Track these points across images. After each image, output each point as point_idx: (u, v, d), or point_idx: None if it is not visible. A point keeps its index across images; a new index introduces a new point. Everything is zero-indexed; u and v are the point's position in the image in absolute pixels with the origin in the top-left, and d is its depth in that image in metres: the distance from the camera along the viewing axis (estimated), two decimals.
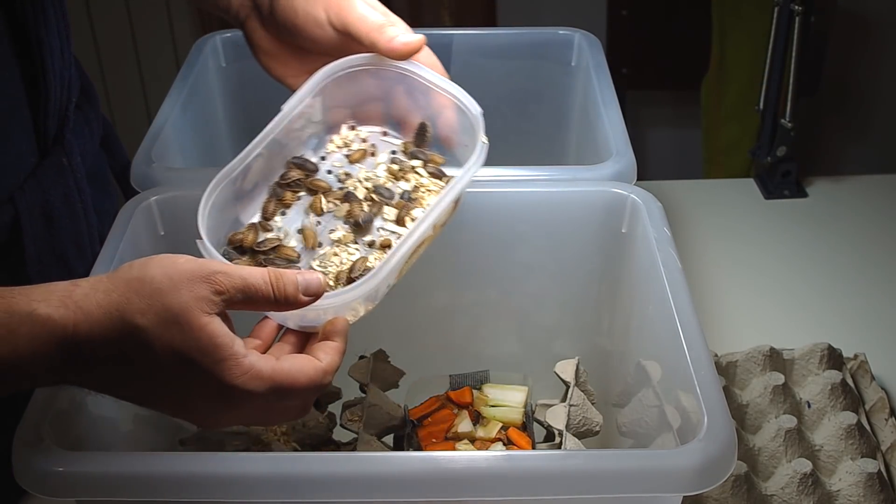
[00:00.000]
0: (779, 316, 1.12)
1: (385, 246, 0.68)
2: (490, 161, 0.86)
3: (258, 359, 0.58)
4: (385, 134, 0.75)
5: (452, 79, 0.73)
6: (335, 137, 0.75)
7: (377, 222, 0.70)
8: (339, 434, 0.83)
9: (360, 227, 0.69)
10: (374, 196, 0.71)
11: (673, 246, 0.76)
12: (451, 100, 0.71)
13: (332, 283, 0.67)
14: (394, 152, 0.74)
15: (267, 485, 0.58)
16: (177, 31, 2.10)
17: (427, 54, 0.74)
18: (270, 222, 0.70)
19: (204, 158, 1.03)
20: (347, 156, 0.74)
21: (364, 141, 0.75)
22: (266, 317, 0.65)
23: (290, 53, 0.77)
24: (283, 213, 0.71)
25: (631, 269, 0.82)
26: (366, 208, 0.70)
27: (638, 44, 2.06)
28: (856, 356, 1.00)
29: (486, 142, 0.69)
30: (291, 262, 0.68)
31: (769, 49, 1.29)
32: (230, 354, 0.56)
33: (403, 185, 0.72)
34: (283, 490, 0.58)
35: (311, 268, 0.68)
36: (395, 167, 0.72)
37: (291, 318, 0.64)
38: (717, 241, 1.24)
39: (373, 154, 0.74)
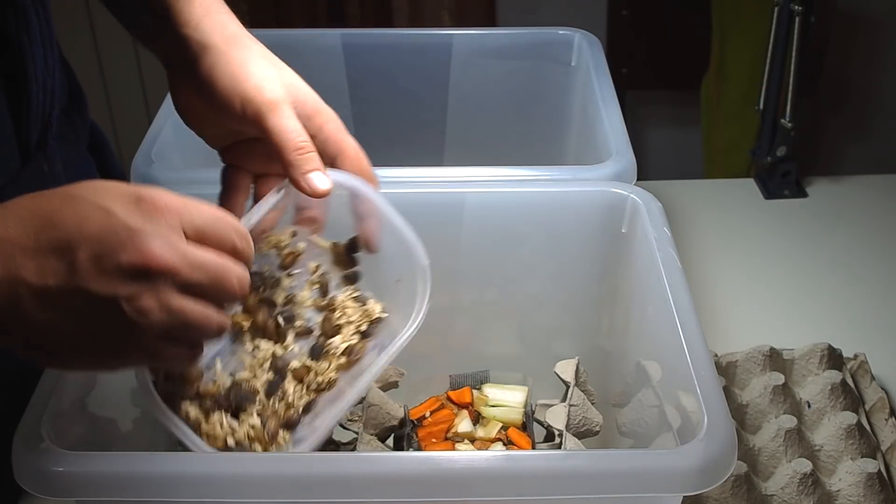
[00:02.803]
0: (779, 316, 1.12)
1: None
2: (490, 161, 0.87)
3: None
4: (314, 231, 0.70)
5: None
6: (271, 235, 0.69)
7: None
8: (339, 434, 0.83)
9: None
10: (280, 322, 0.68)
11: (673, 246, 0.76)
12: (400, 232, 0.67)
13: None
14: (320, 268, 0.70)
15: (267, 485, 0.58)
16: None
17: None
18: None
19: (204, 158, 1.03)
20: (280, 258, 0.70)
21: (294, 235, 0.70)
22: None
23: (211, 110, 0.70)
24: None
25: (631, 269, 0.83)
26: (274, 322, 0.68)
27: (638, 44, 2.06)
28: (856, 356, 1.00)
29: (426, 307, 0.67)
30: None
31: (769, 49, 1.29)
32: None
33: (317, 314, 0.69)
34: (283, 490, 0.58)
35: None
36: (322, 302, 0.69)
37: None
38: (717, 241, 1.24)
39: (298, 256, 0.69)
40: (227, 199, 0.70)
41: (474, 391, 0.85)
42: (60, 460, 0.58)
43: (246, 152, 0.70)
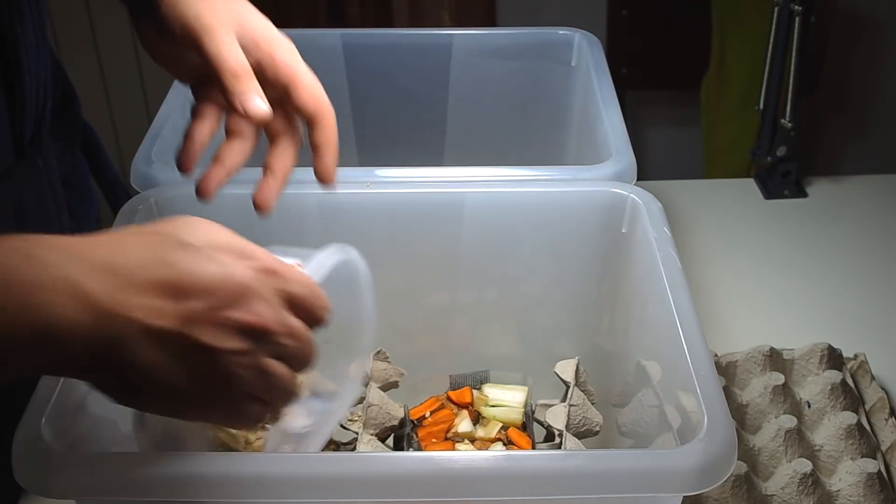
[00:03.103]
0: (779, 316, 1.12)
1: None
2: (490, 161, 0.87)
3: None
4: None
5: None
6: None
7: None
8: (339, 434, 0.83)
9: None
10: None
11: (673, 246, 0.76)
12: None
13: None
14: None
15: (267, 485, 0.58)
16: None
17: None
18: None
19: (204, 158, 1.03)
20: None
21: None
22: None
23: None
24: None
25: (631, 269, 0.83)
26: None
27: (638, 44, 2.06)
28: (856, 356, 1.00)
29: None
30: None
31: (769, 49, 1.29)
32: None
33: None
34: (283, 490, 0.58)
35: None
36: None
37: None
38: (717, 241, 1.24)
39: None
40: (192, 127, 0.70)
41: (474, 391, 0.85)
42: (60, 460, 0.58)
43: (212, 86, 0.69)
